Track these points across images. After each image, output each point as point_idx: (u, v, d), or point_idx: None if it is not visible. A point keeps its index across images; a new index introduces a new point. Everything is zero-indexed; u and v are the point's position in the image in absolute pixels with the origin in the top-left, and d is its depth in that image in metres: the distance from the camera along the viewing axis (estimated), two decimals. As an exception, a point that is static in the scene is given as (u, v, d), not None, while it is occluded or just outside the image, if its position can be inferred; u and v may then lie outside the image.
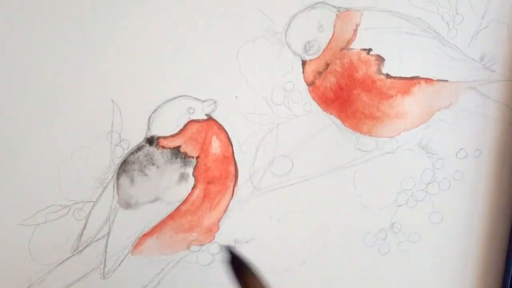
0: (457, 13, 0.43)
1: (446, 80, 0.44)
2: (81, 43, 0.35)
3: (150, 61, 0.37)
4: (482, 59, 0.45)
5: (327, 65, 0.41)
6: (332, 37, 0.41)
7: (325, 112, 0.42)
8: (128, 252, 0.39)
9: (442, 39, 0.43)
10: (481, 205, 0.48)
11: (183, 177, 0.39)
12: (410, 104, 0.44)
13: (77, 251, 0.38)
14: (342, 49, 0.41)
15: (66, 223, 0.37)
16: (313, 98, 0.42)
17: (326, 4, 0.40)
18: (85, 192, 0.37)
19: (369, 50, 0.42)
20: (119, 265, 0.39)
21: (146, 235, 0.39)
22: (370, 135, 0.44)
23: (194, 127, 0.39)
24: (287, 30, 0.40)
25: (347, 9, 0.41)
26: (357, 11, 0.41)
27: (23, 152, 0.35)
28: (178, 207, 0.40)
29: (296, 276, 0.45)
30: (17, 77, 0.34)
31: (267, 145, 0.41)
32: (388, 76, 0.43)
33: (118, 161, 0.38)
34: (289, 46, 0.40)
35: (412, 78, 0.43)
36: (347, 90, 0.42)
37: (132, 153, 0.38)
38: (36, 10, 0.34)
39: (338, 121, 0.43)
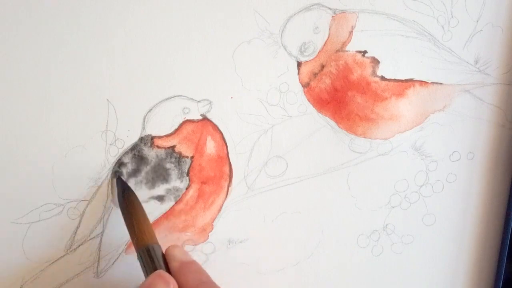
0: (452, 16, 0.43)
1: (441, 83, 0.44)
2: (76, 42, 0.35)
3: (145, 61, 0.37)
4: (476, 62, 0.45)
5: (322, 66, 0.42)
6: (327, 39, 0.41)
7: (320, 114, 0.42)
8: (121, 251, 0.39)
9: (437, 42, 0.43)
10: (474, 208, 0.48)
11: (177, 177, 0.40)
12: (404, 107, 0.44)
13: (70, 249, 0.38)
14: (337, 51, 0.41)
15: (60, 222, 0.37)
16: (308, 100, 0.42)
17: (322, 6, 0.40)
18: (79, 191, 0.37)
19: (364, 52, 0.42)
20: (112, 264, 0.39)
21: (140, 234, 0.39)
22: (364, 137, 0.44)
23: (189, 127, 0.39)
24: (282, 31, 0.40)
25: (343, 11, 0.41)
26: (352, 13, 0.41)
27: (17, 151, 0.35)
28: (172, 207, 0.40)
29: (289, 276, 0.45)
30: (11, 76, 0.34)
31: (262, 146, 0.42)
32: (382, 78, 0.43)
33: (112, 160, 0.38)
34: (284, 48, 0.40)
35: (406, 80, 0.43)
36: (342, 92, 0.42)
37: (127, 152, 0.38)
38: (31, 8, 0.34)
39: (332, 123, 0.43)
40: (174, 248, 0.36)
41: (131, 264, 0.40)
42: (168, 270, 0.34)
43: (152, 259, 0.34)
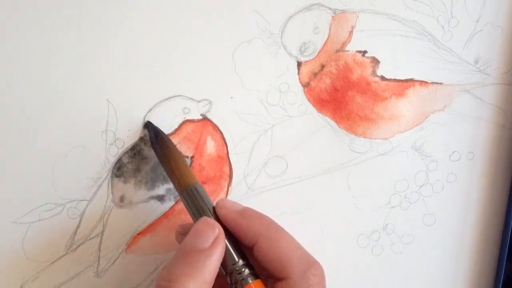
0: (452, 16, 0.43)
1: (441, 83, 0.44)
2: (76, 42, 0.35)
3: (146, 61, 0.37)
4: (476, 62, 0.45)
5: (322, 66, 0.42)
6: (327, 38, 0.41)
7: (320, 114, 0.42)
8: (122, 251, 0.39)
9: (437, 42, 0.43)
10: (474, 207, 0.48)
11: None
12: (404, 106, 0.44)
13: (70, 249, 0.38)
14: (337, 51, 0.42)
15: (60, 222, 0.37)
16: (308, 100, 0.42)
17: (322, 6, 0.40)
18: (80, 191, 0.37)
19: (364, 52, 0.42)
20: (112, 263, 0.39)
21: (140, 234, 0.39)
22: (364, 137, 0.44)
23: (189, 127, 0.39)
24: (282, 31, 0.40)
25: (343, 11, 0.41)
26: (352, 13, 0.41)
27: (17, 150, 0.35)
28: (172, 207, 0.40)
29: (289, 276, 0.45)
30: (11, 76, 0.34)
31: (262, 146, 0.42)
32: (383, 78, 0.43)
33: (112, 160, 0.38)
34: (284, 47, 0.40)
35: (406, 80, 0.43)
36: (342, 92, 0.42)
37: (127, 152, 0.38)
38: (32, 9, 0.34)
39: (332, 123, 0.43)
40: (224, 200, 0.35)
41: (132, 263, 0.40)
42: (213, 208, 0.34)
43: (196, 199, 0.34)
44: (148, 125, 0.38)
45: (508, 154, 0.48)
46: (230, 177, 0.41)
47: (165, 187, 0.39)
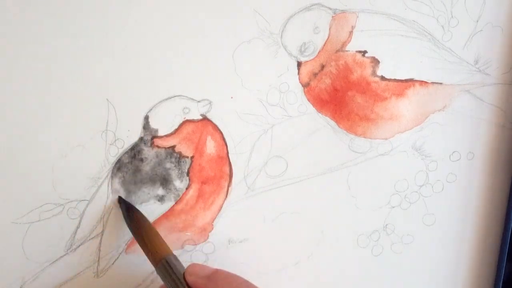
0: (452, 16, 0.43)
1: (441, 83, 0.44)
2: (76, 42, 0.35)
3: (145, 61, 0.37)
4: (476, 62, 0.45)
5: (322, 66, 0.42)
6: (327, 38, 0.41)
7: (320, 114, 0.42)
8: (122, 251, 0.39)
9: (437, 42, 0.43)
10: (474, 208, 0.48)
11: (177, 177, 0.40)
12: (404, 107, 0.44)
13: (70, 249, 0.38)
14: (337, 51, 0.42)
15: (60, 222, 0.37)
16: (308, 100, 0.42)
17: (322, 6, 0.40)
18: (79, 191, 0.37)
19: (364, 52, 0.42)
20: (112, 264, 0.39)
21: (140, 234, 0.39)
22: (364, 137, 0.44)
23: (189, 127, 0.39)
24: (283, 31, 0.40)
25: (343, 11, 0.41)
26: (352, 13, 0.41)
27: (17, 151, 0.35)
28: (172, 207, 0.40)
29: (289, 276, 0.45)
30: (11, 76, 0.34)
31: (262, 146, 0.42)
32: (382, 78, 0.43)
33: (112, 160, 0.38)
34: (284, 47, 0.40)
35: (406, 80, 0.43)
36: (342, 92, 0.42)
37: (127, 152, 0.38)
38: (31, 8, 0.34)
39: (332, 123, 0.43)
40: (193, 266, 0.36)
41: (131, 264, 0.40)
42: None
43: (171, 270, 0.35)
44: (120, 201, 0.38)
45: (508, 154, 0.48)
46: (230, 177, 0.41)
47: (165, 187, 0.39)
